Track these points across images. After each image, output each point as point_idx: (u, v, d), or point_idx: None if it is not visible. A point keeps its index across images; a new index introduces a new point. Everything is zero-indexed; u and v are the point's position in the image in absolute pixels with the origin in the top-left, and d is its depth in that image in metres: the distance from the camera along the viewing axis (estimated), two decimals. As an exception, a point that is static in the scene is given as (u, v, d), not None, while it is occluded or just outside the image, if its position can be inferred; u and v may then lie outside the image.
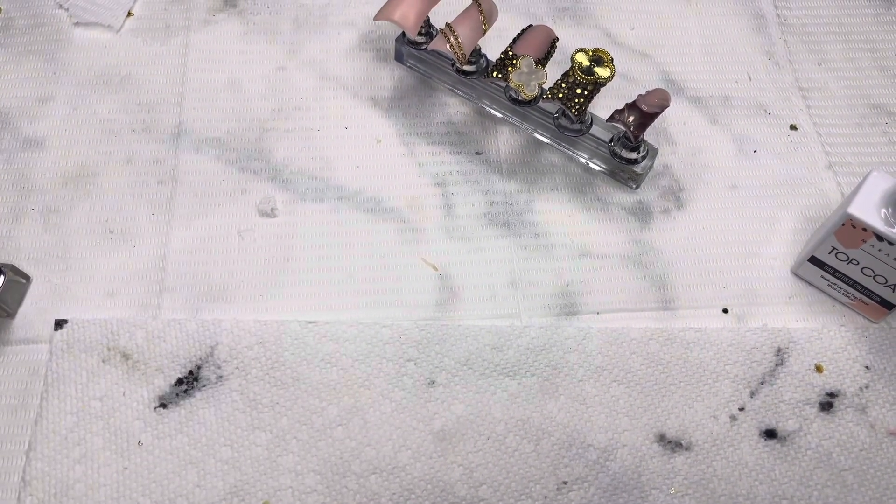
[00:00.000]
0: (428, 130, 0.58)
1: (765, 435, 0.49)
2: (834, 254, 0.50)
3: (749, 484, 0.47)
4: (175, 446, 0.47)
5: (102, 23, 0.61)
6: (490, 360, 0.50)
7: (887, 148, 0.59)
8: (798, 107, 0.60)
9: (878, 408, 0.49)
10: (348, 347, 0.50)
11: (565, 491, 0.47)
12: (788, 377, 0.50)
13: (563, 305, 0.52)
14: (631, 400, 0.49)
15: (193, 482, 0.46)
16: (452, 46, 0.53)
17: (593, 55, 0.52)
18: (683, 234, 0.55)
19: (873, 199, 0.47)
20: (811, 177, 0.58)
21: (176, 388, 0.48)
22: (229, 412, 0.48)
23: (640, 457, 0.48)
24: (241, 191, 0.55)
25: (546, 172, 0.57)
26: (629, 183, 0.56)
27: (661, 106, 0.52)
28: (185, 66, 0.60)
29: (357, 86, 0.60)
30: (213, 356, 0.49)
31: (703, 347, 0.51)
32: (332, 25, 0.63)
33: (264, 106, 0.59)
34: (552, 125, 0.56)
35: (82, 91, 0.59)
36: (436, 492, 0.46)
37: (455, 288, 0.53)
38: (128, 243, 0.53)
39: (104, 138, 0.57)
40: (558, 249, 0.54)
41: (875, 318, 0.52)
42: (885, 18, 0.65)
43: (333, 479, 0.46)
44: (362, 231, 0.54)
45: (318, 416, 0.48)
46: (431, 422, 0.48)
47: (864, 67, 0.62)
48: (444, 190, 0.56)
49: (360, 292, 0.52)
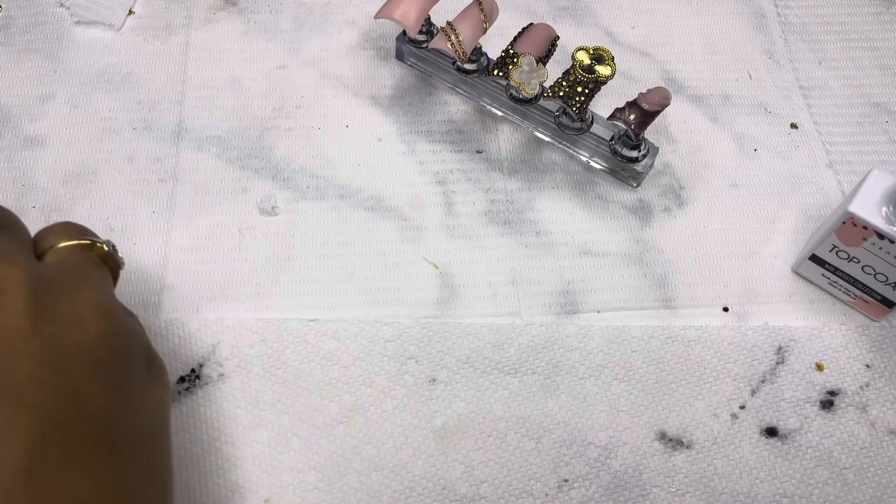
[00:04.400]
0: (429, 129, 0.58)
1: (766, 433, 0.49)
2: (834, 252, 0.50)
3: (750, 482, 0.47)
4: (176, 444, 0.46)
5: (103, 21, 0.61)
6: (491, 358, 0.50)
7: (888, 146, 0.59)
8: (798, 105, 0.60)
9: (879, 406, 0.49)
10: (349, 345, 0.50)
11: (566, 489, 0.47)
12: (789, 375, 0.50)
13: (563, 304, 0.52)
14: (632, 398, 0.49)
15: (195, 480, 0.46)
16: (453, 45, 0.53)
17: (594, 53, 0.52)
18: (684, 233, 0.55)
19: (874, 198, 0.47)
20: (812, 175, 0.58)
21: (178, 386, 0.48)
22: (231, 410, 0.48)
23: (641, 455, 0.48)
24: (242, 189, 0.55)
25: (547, 171, 0.57)
26: (630, 181, 0.56)
27: (662, 104, 0.52)
28: (186, 65, 0.60)
29: (358, 84, 0.60)
30: (214, 354, 0.49)
31: (704, 346, 0.51)
32: (333, 24, 0.63)
33: (265, 104, 0.59)
34: (553, 123, 0.56)
35: (83, 89, 0.59)
36: (437, 489, 0.46)
37: (456, 286, 0.53)
38: (128, 241, 0.53)
39: (105, 136, 0.57)
40: (559, 247, 0.54)
41: (876, 316, 0.52)
42: (885, 18, 0.65)
43: (334, 477, 0.46)
44: (363, 229, 0.54)
45: (319, 414, 0.48)
46: (432, 419, 0.48)
47: (864, 66, 0.63)
48: (444, 188, 0.56)
49: (360, 290, 0.52)
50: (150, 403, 0.39)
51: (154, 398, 0.40)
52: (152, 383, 0.40)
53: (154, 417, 0.39)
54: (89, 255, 0.41)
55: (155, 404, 0.40)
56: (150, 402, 0.39)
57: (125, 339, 0.39)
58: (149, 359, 0.41)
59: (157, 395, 0.40)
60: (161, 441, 0.39)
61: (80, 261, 0.41)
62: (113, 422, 0.36)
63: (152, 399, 0.39)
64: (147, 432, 0.38)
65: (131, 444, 0.37)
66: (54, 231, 0.42)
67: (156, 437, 0.39)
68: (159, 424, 0.40)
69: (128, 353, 0.39)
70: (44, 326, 0.36)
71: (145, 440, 0.38)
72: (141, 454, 0.37)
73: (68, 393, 0.35)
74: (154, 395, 0.40)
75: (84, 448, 0.35)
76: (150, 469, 0.37)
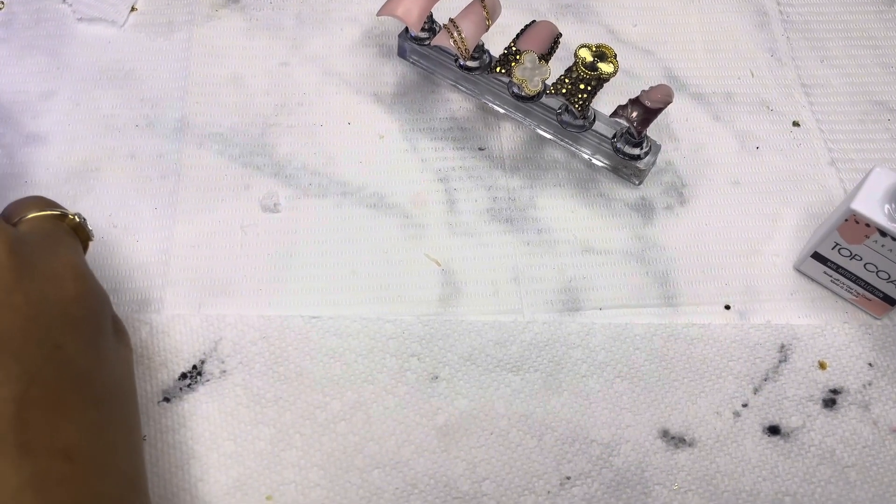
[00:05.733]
0: (431, 126, 0.58)
1: (768, 431, 0.49)
2: (837, 250, 0.50)
3: (752, 480, 0.47)
4: (178, 441, 0.47)
5: (106, 18, 0.61)
6: (493, 356, 0.50)
7: (890, 144, 0.59)
8: (801, 103, 0.60)
9: (882, 405, 0.49)
10: (351, 342, 0.50)
11: (568, 486, 0.47)
12: (792, 374, 0.50)
13: (565, 301, 0.52)
14: (634, 396, 0.49)
15: (196, 476, 0.46)
16: (456, 42, 0.53)
17: (596, 51, 0.52)
18: (686, 231, 0.55)
19: (876, 195, 0.47)
20: (814, 173, 0.58)
21: (180, 383, 0.48)
22: (233, 407, 0.48)
23: (643, 452, 0.48)
24: (244, 186, 0.55)
25: (549, 168, 0.57)
26: (632, 179, 0.56)
27: (664, 102, 0.52)
28: (188, 61, 0.60)
29: (360, 81, 0.60)
30: (216, 351, 0.49)
31: (707, 343, 0.51)
32: (335, 21, 0.63)
33: (267, 101, 0.59)
34: (555, 121, 0.56)
35: (85, 86, 0.59)
36: (438, 487, 0.46)
37: (458, 283, 0.53)
38: (131, 237, 0.53)
39: (107, 133, 0.57)
40: (561, 245, 0.54)
41: (878, 313, 0.52)
42: (887, 16, 0.65)
43: (336, 474, 0.46)
44: (365, 226, 0.54)
45: (321, 411, 0.48)
46: (434, 417, 0.48)
47: (866, 64, 0.62)
48: (446, 185, 0.56)
49: (362, 287, 0.52)
50: (120, 361, 0.42)
51: (122, 358, 0.43)
52: (120, 344, 0.43)
53: (124, 374, 0.42)
54: (61, 224, 0.43)
55: (123, 363, 0.42)
56: (119, 360, 0.42)
57: (98, 300, 0.41)
58: (115, 322, 0.43)
59: (124, 355, 0.43)
60: (130, 397, 0.42)
61: (53, 227, 0.43)
62: (91, 375, 0.38)
63: (121, 358, 0.42)
64: (119, 387, 0.41)
65: (107, 396, 0.39)
66: (25, 203, 0.43)
67: (126, 393, 0.41)
68: (128, 382, 0.42)
69: (100, 313, 0.41)
70: (25, 282, 0.37)
71: (118, 394, 0.40)
72: (115, 407, 0.40)
73: (50, 345, 0.37)
74: (122, 355, 0.43)
75: (67, 398, 0.37)
76: (121, 418, 0.40)
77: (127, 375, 0.43)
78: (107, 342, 0.41)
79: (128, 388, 0.42)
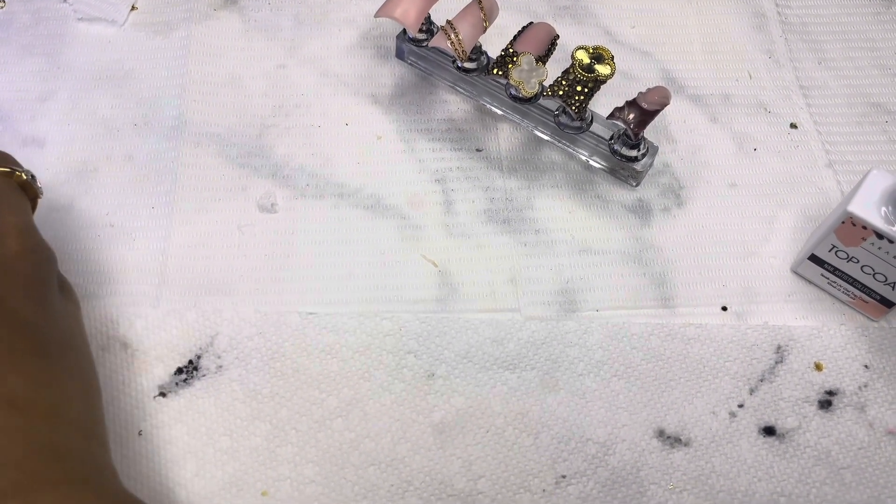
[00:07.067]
0: (428, 127, 0.59)
1: (764, 432, 0.48)
2: (834, 252, 0.50)
3: (748, 480, 0.47)
4: (174, 436, 0.47)
5: (106, 17, 0.62)
6: (490, 354, 0.50)
7: (887, 146, 0.59)
8: (798, 105, 0.61)
9: (877, 406, 0.49)
10: (348, 339, 0.50)
11: (564, 485, 0.47)
12: (788, 375, 0.50)
13: (562, 302, 0.52)
14: (631, 395, 0.49)
15: (192, 471, 0.46)
16: (453, 43, 0.54)
17: (594, 52, 0.52)
18: (683, 232, 0.55)
19: (873, 197, 0.47)
20: (811, 175, 0.58)
21: (176, 378, 0.48)
22: (229, 402, 0.48)
23: (639, 452, 0.48)
24: (242, 187, 0.55)
25: (546, 170, 0.57)
26: (629, 180, 0.56)
27: (662, 104, 0.52)
28: (187, 60, 0.60)
29: (357, 83, 0.60)
30: (213, 346, 0.49)
31: (704, 344, 0.51)
32: (333, 22, 0.63)
33: (265, 102, 0.59)
34: (552, 122, 0.56)
35: (84, 87, 0.59)
36: (434, 484, 0.46)
37: (455, 284, 0.53)
38: (128, 237, 0.53)
39: (105, 134, 0.57)
40: (558, 246, 0.54)
41: (875, 316, 0.52)
42: (885, 17, 0.65)
43: (332, 471, 0.46)
44: (362, 227, 0.54)
45: (317, 408, 0.48)
46: (431, 414, 0.48)
47: (863, 66, 0.63)
48: (444, 186, 0.56)
49: (359, 288, 0.52)
50: (68, 316, 0.43)
51: (70, 312, 0.44)
52: (66, 301, 0.44)
53: (72, 327, 0.43)
54: (9, 181, 0.44)
55: (71, 317, 0.43)
56: (67, 315, 0.43)
57: (42, 257, 0.42)
58: (61, 281, 0.44)
59: (71, 311, 0.44)
60: (80, 346, 0.43)
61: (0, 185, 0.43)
62: (35, 327, 0.40)
63: (69, 313, 0.43)
64: (66, 339, 0.42)
65: (52, 348, 0.40)
66: None
67: (75, 343, 0.42)
68: (78, 334, 0.44)
69: (45, 270, 0.42)
70: None
71: (65, 346, 0.41)
72: (62, 357, 0.40)
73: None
74: (69, 311, 0.44)
75: (9, 348, 0.38)
76: (72, 369, 0.41)
77: (76, 328, 0.44)
78: (52, 296, 0.42)
79: (79, 340, 0.43)
